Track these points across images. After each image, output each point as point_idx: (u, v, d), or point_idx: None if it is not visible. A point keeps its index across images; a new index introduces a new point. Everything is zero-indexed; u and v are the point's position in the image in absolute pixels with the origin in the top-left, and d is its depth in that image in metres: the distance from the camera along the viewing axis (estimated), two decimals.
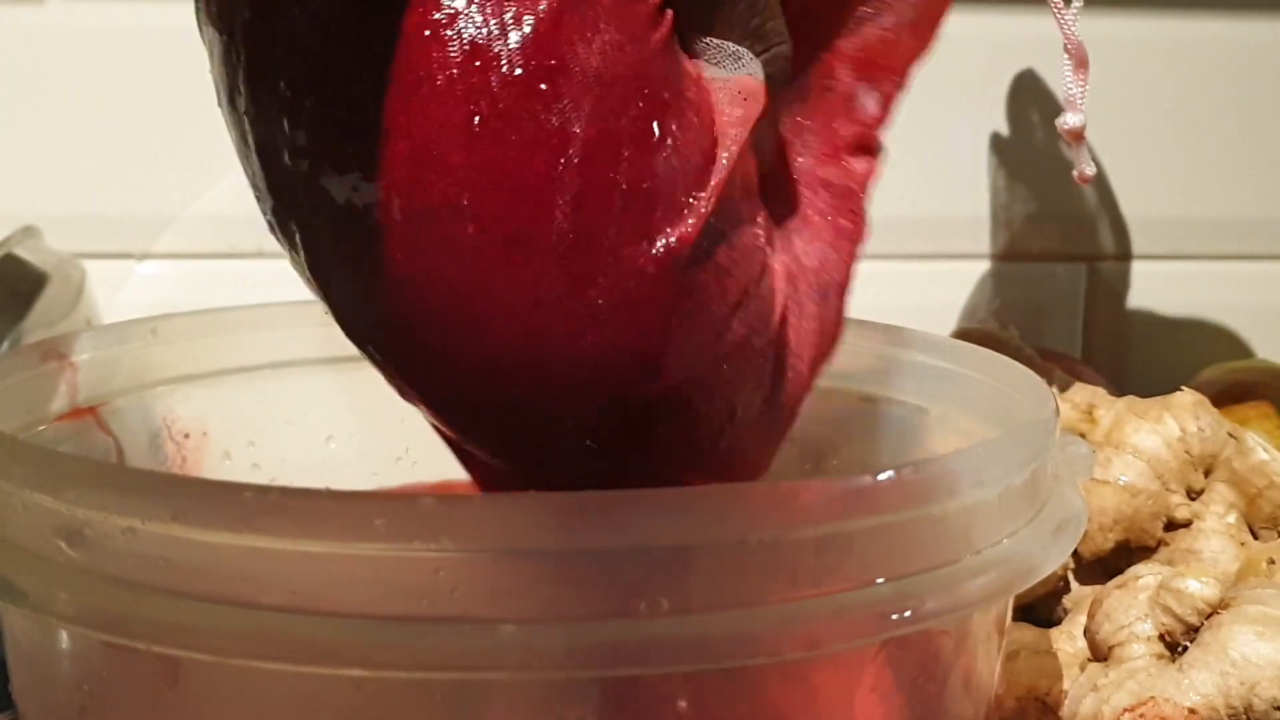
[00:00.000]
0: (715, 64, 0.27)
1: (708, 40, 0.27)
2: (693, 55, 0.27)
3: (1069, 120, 0.33)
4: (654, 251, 0.25)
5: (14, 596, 0.25)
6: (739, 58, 0.27)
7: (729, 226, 0.26)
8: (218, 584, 0.23)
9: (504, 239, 0.24)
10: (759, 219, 0.28)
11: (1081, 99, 0.33)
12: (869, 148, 0.30)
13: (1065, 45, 0.32)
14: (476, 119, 0.24)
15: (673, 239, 0.25)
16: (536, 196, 0.24)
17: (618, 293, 0.25)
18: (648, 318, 0.25)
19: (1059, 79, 0.59)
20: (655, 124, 0.25)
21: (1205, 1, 0.59)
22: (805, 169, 0.30)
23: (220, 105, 0.26)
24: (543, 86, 0.24)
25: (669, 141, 0.25)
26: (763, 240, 0.27)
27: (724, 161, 0.25)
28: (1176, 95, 0.60)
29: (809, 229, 0.30)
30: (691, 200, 0.25)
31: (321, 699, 0.25)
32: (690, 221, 0.25)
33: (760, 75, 0.27)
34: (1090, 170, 0.33)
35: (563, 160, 0.24)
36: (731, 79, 0.27)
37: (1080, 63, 0.32)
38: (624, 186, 0.24)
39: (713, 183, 0.25)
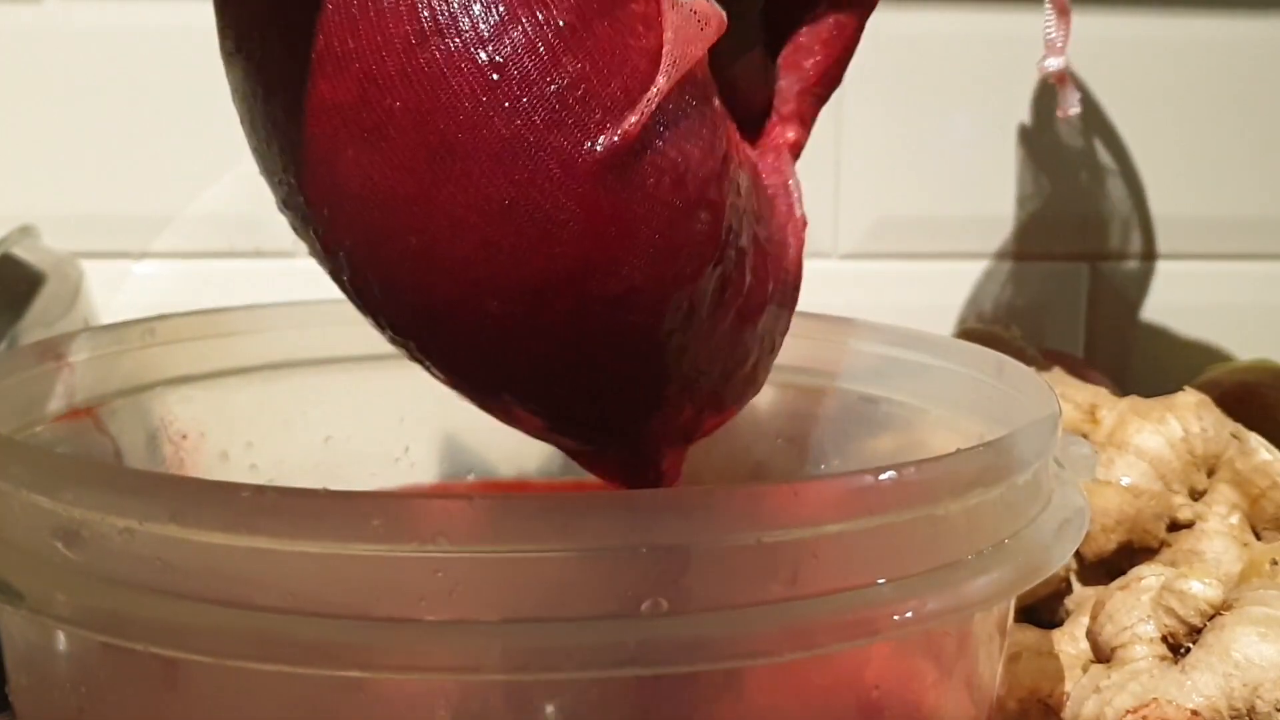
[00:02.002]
0: None
1: None
2: None
3: (1050, 63, 0.34)
4: (593, 151, 0.25)
5: (11, 597, 0.25)
6: None
7: (679, 130, 0.27)
8: (215, 585, 0.23)
9: (446, 149, 0.25)
10: (720, 128, 0.28)
11: (1062, 43, 0.34)
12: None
13: None
14: (412, 36, 0.25)
15: (615, 137, 0.25)
16: (472, 103, 0.25)
17: (560, 197, 0.25)
18: (593, 220, 0.26)
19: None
20: (595, 28, 0.25)
21: (1208, 1, 0.59)
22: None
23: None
24: None
25: (609, 46, 0.25)
26: (724, 147, 0.28)
27: (669, 70, 0.26)
28: (1180, 95, 0.60)
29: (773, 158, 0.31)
30: (633, 104, 0.26)
31: (319, 700, 0.25)
32: (631, 121, 0.26)
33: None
34: (1074, 109, 0.34)
35: (498, 66, 0.25)
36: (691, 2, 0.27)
37: (1062, 10, 0.33)
38: (560, 90, 0.25)
39: (658, 86, 0.26)
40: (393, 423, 0.41)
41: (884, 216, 0.60)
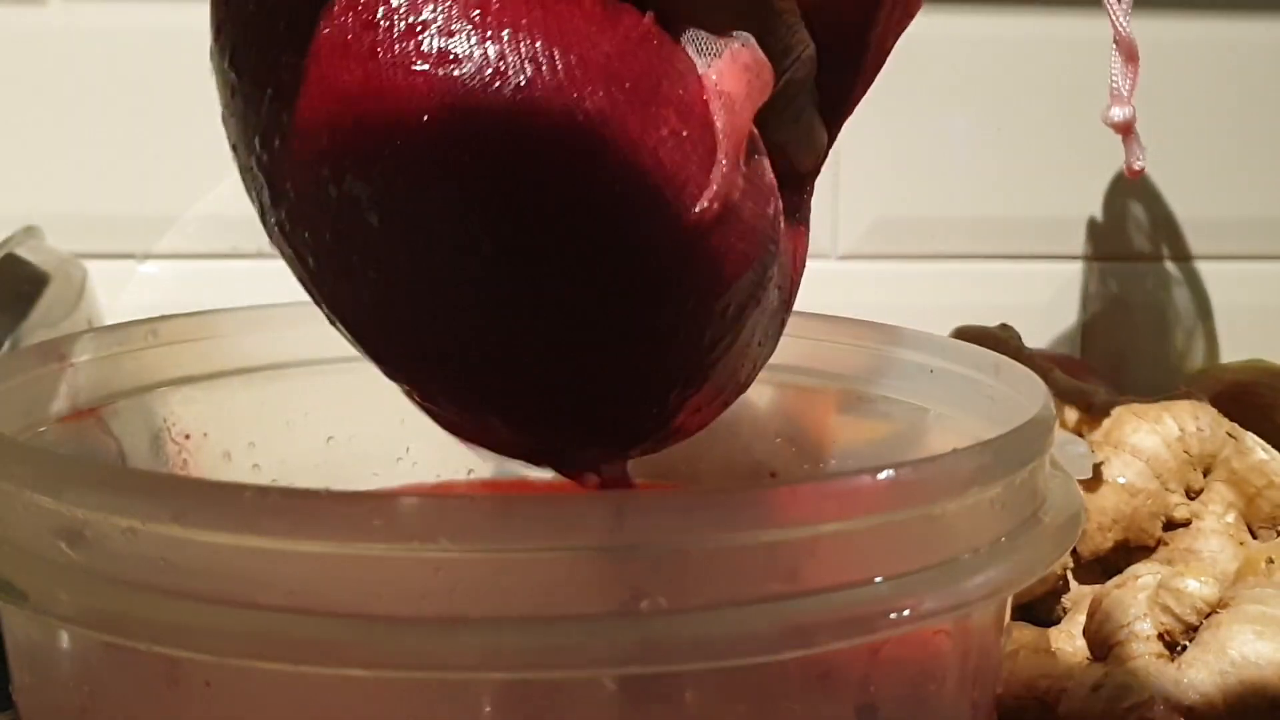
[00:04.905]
0: (702, 49, 0.27)
1: (692, 31, 0.27)
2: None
3: (1115, 114, 0.33)
4: (689, 217, 0.25)
5: (14, 597, 0.25)
6: (730, 39, 0.27)
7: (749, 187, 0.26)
8: (218, 584, 0.23)
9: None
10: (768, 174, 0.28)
11: (1128, 92, 0.33)
12: None
13: (1114, 38, 0.32)
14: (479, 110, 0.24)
15: (706, 201, 0.25)
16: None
17: (647, 269, 0.25)
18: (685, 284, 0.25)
19: (1056, 76, 0.59)
20: (662, 111, 0.25)
21: (1209, 2, 0.59)
22: None
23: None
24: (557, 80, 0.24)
25: (677, 126, 0.25)
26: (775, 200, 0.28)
27: (721, 125, 0.26)
28: (1178, 95, 0.60)
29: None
30: (704, 175, 0.25)
31: (321, 699, 0.25)
32: (712, 191, 0.25)
33: (753, 49, 0.27)
34: (1139, 164, 0.33)
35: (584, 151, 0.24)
36: (724, 57, 0.27)
37: (1129, 56, 0.32)
38: (643, 172, 0.25)
39: (722, 156, 0.26)
40: (394, 423, 0.41)
41: (883, 217, 0.60)
